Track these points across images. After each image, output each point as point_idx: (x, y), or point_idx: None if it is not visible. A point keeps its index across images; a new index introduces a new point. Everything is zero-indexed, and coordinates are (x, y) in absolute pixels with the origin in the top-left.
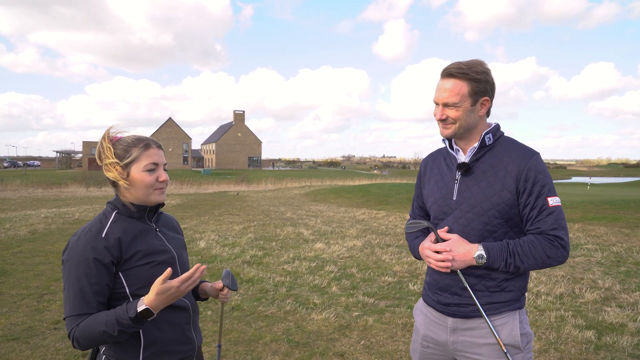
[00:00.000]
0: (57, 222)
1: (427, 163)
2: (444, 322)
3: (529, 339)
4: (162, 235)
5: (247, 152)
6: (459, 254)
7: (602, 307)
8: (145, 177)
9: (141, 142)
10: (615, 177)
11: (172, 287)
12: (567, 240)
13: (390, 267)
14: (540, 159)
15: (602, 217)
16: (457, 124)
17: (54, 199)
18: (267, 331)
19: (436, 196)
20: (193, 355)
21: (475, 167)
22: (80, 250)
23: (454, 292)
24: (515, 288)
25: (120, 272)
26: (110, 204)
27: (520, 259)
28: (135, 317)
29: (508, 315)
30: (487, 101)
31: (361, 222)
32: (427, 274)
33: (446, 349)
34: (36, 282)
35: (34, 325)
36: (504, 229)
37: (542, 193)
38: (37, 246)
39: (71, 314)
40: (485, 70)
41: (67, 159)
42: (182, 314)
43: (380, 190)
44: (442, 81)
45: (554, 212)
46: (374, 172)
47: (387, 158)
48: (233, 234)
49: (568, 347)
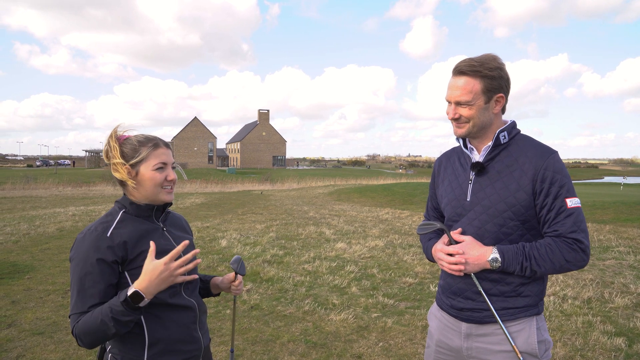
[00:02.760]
0: (84, 219)
1: (441, 163)
2: (458, 327)
3: (548, 347)
4: (169, 235)
5: (271, 151)
6: (473, 257)
7: (634, 313)
8: (154, 176)
9: (150, 142)
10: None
11: (159, 264)
12: (587, 244)
13: (412, 268)
14: (559, 157)
15: (635, 219)
16: (471, 123)
17: (82, 197)
18: (284, 331)
19: (450, 197)
20: (199, 355)
21: (490, 167)
22: (85, 249)
23: (468, 297)
24: (532, 293)
25: (126, 271)
26: (117, 203)
27: (537, 263)
28: (125, 301)
29: (525, 321)
30: (502, 98)
31: (384, 221)
32: (440, 277)
33: (460, 355)
34: (62, 279)
35: (58, 320)
36: (520, 231)
37: (560, 194)
38: (64, 243)
39: (74, 312)
40: (498, 65)
41: (96, 158)
42: (188, 313)
43: (404, 190)
44: (454, 79)
45: (572, 214)
46: (399, 172)
47: (413, 157)
48: (255, 233)
49: (595, 355)
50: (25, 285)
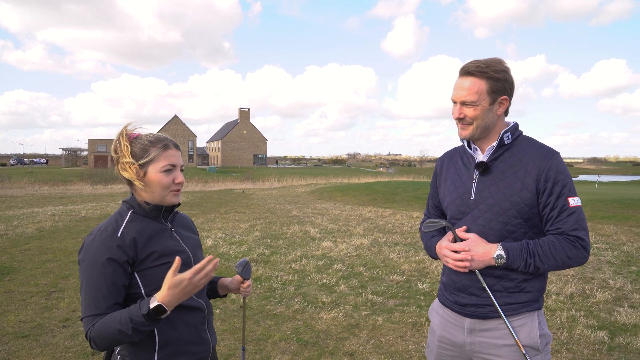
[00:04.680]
0: (64, 219)
1: (444, 161)
2: (461, 322)
3: (548, 341)
4: (178, 235)
5: (252, 150)
6: (478, 254)
7: (614, 308)
8: (162, 178)
9: (160, 142)
10: (624, 176)
11: (184, 279)
12: (588, 241)
13: (399, 266)
14: (561, 158)
15: (611, 216)
16: (475, 124)
17: (60, 196)
18: (275, 330)
19: (453, 195)
20: (208, 356)
21: (494, 167)
22: (96, 250)
23: (472, 293)
24: (533, 289)
25: (136, 272)
26: (125, 203)
27: (541, 260)
28: (147, 314)
29: (527, 316)
30: (506, 100)
31: (367, 220)
32: (443, 274)
33: (463, 350)
34: (44, 280)
35: (43, 322)
36: (523, 229)
37: (563, 193)
38: (44, 244)
39: (87, 314)
40: (504, 68)
41: (74, 157)
42: (197, 314)
43: (386, 189)
44: (461, 79)
45: (574, 213)
46: (379, 170)
47: (393, 156)
48: (240, 232)
49: (580, 348)
50: (5, 288)
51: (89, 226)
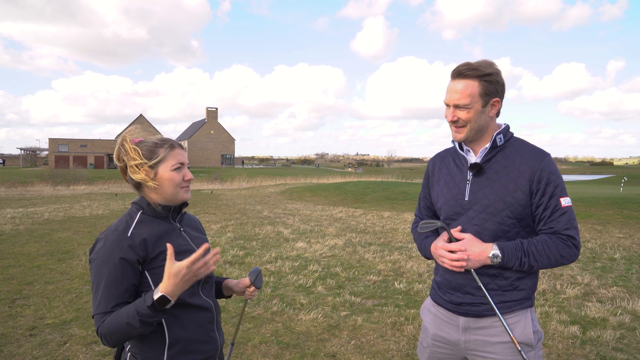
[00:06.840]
0: (25, 222)
1: (435, 163)
2: (456, 321)
3: (540, 337)
4: (187, 235)
5: (220, 150)
6: (474, 254)
7: (584, 303)
8: (174, 176)
9: (166, 143)
10: (582, 175)
11: (182, 267)
12: (579, 240)
13: (374, 266)
14: (552, 160)
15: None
16: (468, 127)
17: (19, 198)
18: (255, 333)
19: (447, 197)
20: (216, 355)
21: (487, 168)
22: (107, 249)
23: (467, 292)
24: (526, 287)
25: (146, 271)
26: (135, 204)
27: (535, 258)
28: (152, 305)
29: (520, 313)
30: (498, 102)
31: (339, 220)
32: (436, 273)
33: (457, 348)
34: (7, 287)
35: (7, 332)
36: (516, 228)
37: (555, 193)
38: (5, 248)
39: (98, 312)
40: (495, 71)
41: (32, 157)
42: (206, 313)
43: (356, 189)
44: (453, 82)
45: (566, 212)
46: (348, 170)
47: (361, 156)
48: (211, 233)
49: (555, 343)
50: None
51: (53, 229)
